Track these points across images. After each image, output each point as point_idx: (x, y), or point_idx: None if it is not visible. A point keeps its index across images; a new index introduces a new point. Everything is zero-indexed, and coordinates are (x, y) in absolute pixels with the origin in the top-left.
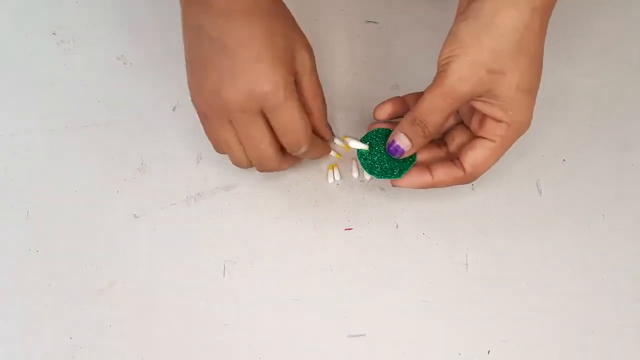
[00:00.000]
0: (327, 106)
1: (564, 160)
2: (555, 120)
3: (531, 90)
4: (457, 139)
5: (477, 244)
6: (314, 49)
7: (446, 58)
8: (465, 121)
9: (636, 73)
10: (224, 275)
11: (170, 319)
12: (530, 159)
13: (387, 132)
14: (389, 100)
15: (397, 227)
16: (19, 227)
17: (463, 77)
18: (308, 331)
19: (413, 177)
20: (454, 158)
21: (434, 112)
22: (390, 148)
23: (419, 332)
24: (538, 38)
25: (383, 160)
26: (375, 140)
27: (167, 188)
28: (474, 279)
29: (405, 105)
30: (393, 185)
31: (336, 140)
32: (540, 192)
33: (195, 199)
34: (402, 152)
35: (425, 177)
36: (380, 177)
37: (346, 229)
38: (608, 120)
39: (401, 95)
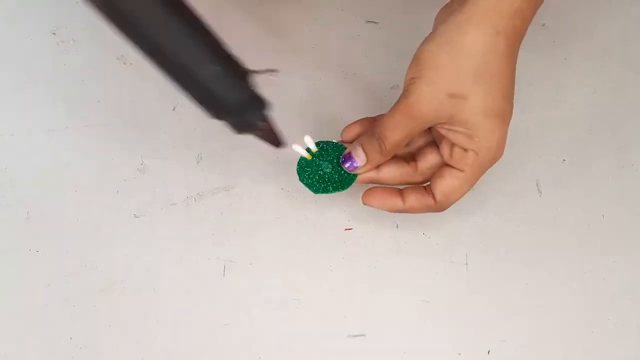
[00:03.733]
0: (328, 107)
1: (564, 160)
2: (555, 120)
3: (500, 115)
4: (428, 158)
5: (477, 244)
6: (314, 49)
7: (410, 79)
8: (437, 141)
9: (636, 73)
10: (224, 275)
11: (170, 319)
12: (530, 159)
13: (338, 146)
14: (357, 121)
15: (397, 227)
16: (19, 227)
17: (423, 99)
18: (308, 331)
19: (385, 199)
20: (425, 184)
21: (393, 129)
22: (344, 159)
23: (419, 332)
24: (505, 61)
25: (323, 172)
26: (322, 151)
27: (167, 188)
28: (474, 279)
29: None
30: (363, 203)
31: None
32: (540, 192)
33: (195, 199)
34: (356, 166)
35: (397, 202)
36: (312, 188)
37: (346, 229)
38: (608, 121)
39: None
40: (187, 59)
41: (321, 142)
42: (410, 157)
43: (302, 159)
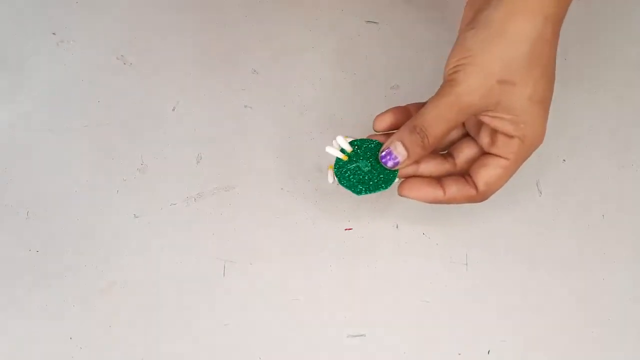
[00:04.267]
0: (327, 107)
1: (564, 160)
2: (555, 121)
3: (543, 101)
4: (465, 152)
5: (477, 244)
6: (314, 49)
7: (454, 67)
8: (472, 134)
9: (636, 73)
10: (224, 275)
11: (170, 319)
12: (530, 159)
13: (373, 143)
14: (390, 109)
15: (397, 227)
16: (19, 227)
17: (472, 86)
18: (308, 331)
19: (425, 189)
20: (464, 174)
21: (437, 122)
22: (383, 155)
23: (419, 332)
24: (550, 47)
25: (362, 172)
26: (357, 150)
27: (167, 188)
28: (474, 279)
29: (409, 114)
30: (400, 195)
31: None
32: (540, 192)
33: (195, 199)
34: (397, 162)
35: (437, 192)
36: (353, 190)
37: (346, 229)
38: (608, 121)
39: (402, 100)
40: None
41: (355, 140)
42: (448, 154)
43: (338, 160)
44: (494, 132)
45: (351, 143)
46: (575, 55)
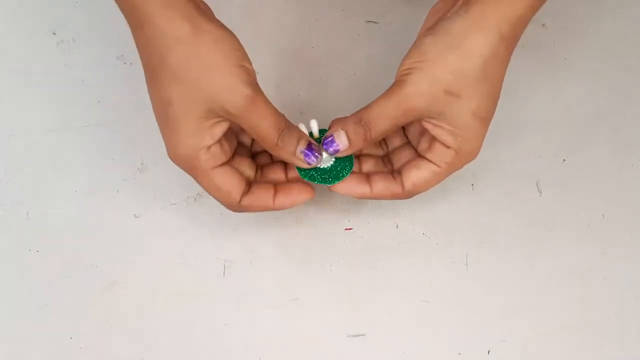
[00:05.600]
0: (327, 107)
1: (564, 160)
2: (555, 120)
3: (485, 118)
4: (403, 158)
5: (477, 244)
6: (314, 49)
7: (407, 69)
8: (413, 142)
9: (635, 73)
10: (224, 275)
11: (170, 319)
12: (530, 159)
13: None
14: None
15: (397, 227)
16: (19, 227)
17: (420, 90)
18: (308, 331)
19: (352, 185)
20: (394, 172)
21: (382, 119)
22: (326, 142)
23: (419, 332)
24: (501, 66)
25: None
26: (318, 139)
27: (167, 188)
28: (474, 279)
29: None
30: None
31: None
32: (540, 192)
33: (195, 199)
34: (337, 149)
35: (364, 188)
36: (302, 173)
37: (346, 229)
38: (608, 120)
39: None
40: None
41: (324, 129)
42: (387, 159)
43: None
44: (433, 139)
45: (321, 131)
46: (576, 55)
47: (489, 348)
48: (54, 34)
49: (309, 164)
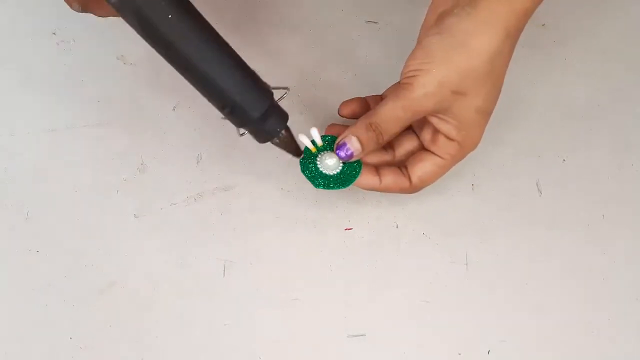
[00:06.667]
0: (327, 107)
1: (564, 160)
2: (555, 121)
3: (487, 112)
4: (405, 145)
5: (477, 244)
6: (314, 49)
7: (414, 70)
8: (415, 129)
9: (636, 73)
10: (224, 275)
11: (170, 319)
12: (530, 159)
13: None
14: (354, 99)
15: (397, 227)
16: (19, 227)
17: (429, 93)
18: (308, 331)
19: (361, 177)
20: (401, 166)
21: (393, 122)
22: (339, 149)
23: (419, 332)
24: (505, 61)
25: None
26: (327, 145)
27: (167, 188)
28: (474, 279)
29: (367, 106)
30: None
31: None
32: (540, 192)
33: (195, 199)
34: (351, 155)
35: (374, 180)
36: (313, 182)
37: (346, 229)
38: (608, 120)
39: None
40: (216, 70)
41: (328, 136)
42: (388, 145)
43: (306, 150)
44: (436, 131)
45: (323, 137)
46: (576, 55)
47: (489, 348)
48: (54, 34)
49: None
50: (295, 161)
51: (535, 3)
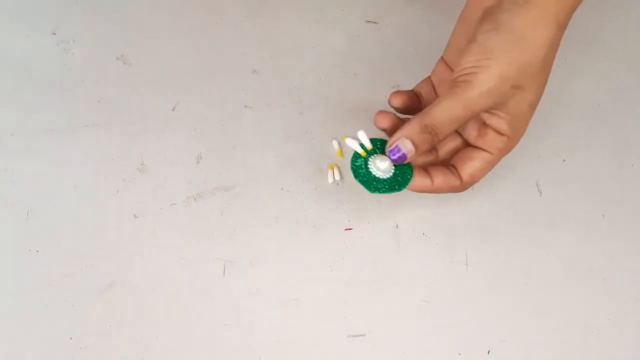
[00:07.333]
0: (328, 107)
1: (564, 160)
2: (555, 120)
3: (536, 106)
4: (449, 144)
5: (477, 244)
6: (314, 49)
7: (473, 67)
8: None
9: (636, 73)
10: (224, 275)
11: (170, 319)
12: (530, 159)
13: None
14: (406, 91)
15: (397, 227)
16: (19, 227)
17: (490, 90)
18: (308, 331)
19: (414, 179)
20: (446, 164)
21: (449, 122)
22: (392, 152)
23: (419, 332)
24: (556, 53)
25: (377, 171)
26: (376, 149)
27: (167, 188)
28: (474, 279)
29: (418, 98)
30: None
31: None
32: (540, 192)
33: (195, 199)
34: (404, 157)
35: (426, 181)
36: (368, 186)
37: (346, 229)
38: (608, 120)
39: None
40: None
41: (375, 138)
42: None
43: (356, 155)
44: (485, 126)
45: (372, 141)
46: (576, 55)
47: (489, 348)
48: (54, 34)
49: None
50: (294, 161)
51: None
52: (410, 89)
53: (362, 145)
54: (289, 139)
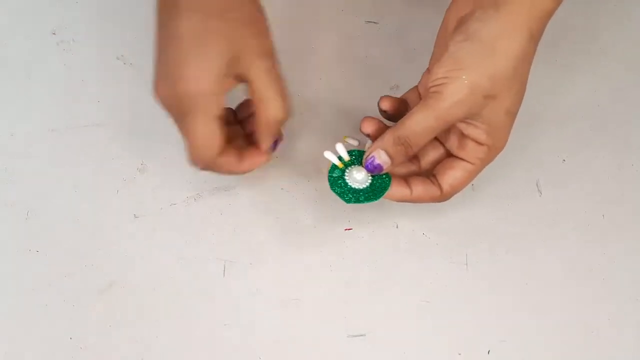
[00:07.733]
0: (328, 107)
1: (564, 160)
2: (555, 121)
3: (514, 113)
4: (431, 154)
5: (477, 244)
6: (314, 49)
7: (443, 78)
8: (439, 136)
9: (636, 73)
10: (224, 275)
11: (170, 319)
12: (530, 159)
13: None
14: (395, 97)
15: (397, 227)
16: (19, 227)
17: (461, 100)
18: (308, 331)
19: (394, 189)
20: (429, 175)
21: (422, 134)
22: (368, 163)
23: (419, 332)
24: (529, 62)
25: (353, 182)
26: (354, 159)
27: (167, 188)
28: (474, 279)
29: (406, 106)
30: None
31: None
32: (540, 192)
33: (195, 199)
34: (380, 169)
35: (404, 191)
36: (343, 197)
37: (346, 229)
38: (608, 121)
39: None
40: None
41: (353, 150)
42: (413, 155)
43: (333, 167)
44: (463, 136)
45: (350, 152)
46: (576, 55)
47: (489, 348)
48: (54, 34)
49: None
50: (294, 161)
51: (556, 3)
52: (405, 91)
53: (340, 158)
54: (289, 139)
